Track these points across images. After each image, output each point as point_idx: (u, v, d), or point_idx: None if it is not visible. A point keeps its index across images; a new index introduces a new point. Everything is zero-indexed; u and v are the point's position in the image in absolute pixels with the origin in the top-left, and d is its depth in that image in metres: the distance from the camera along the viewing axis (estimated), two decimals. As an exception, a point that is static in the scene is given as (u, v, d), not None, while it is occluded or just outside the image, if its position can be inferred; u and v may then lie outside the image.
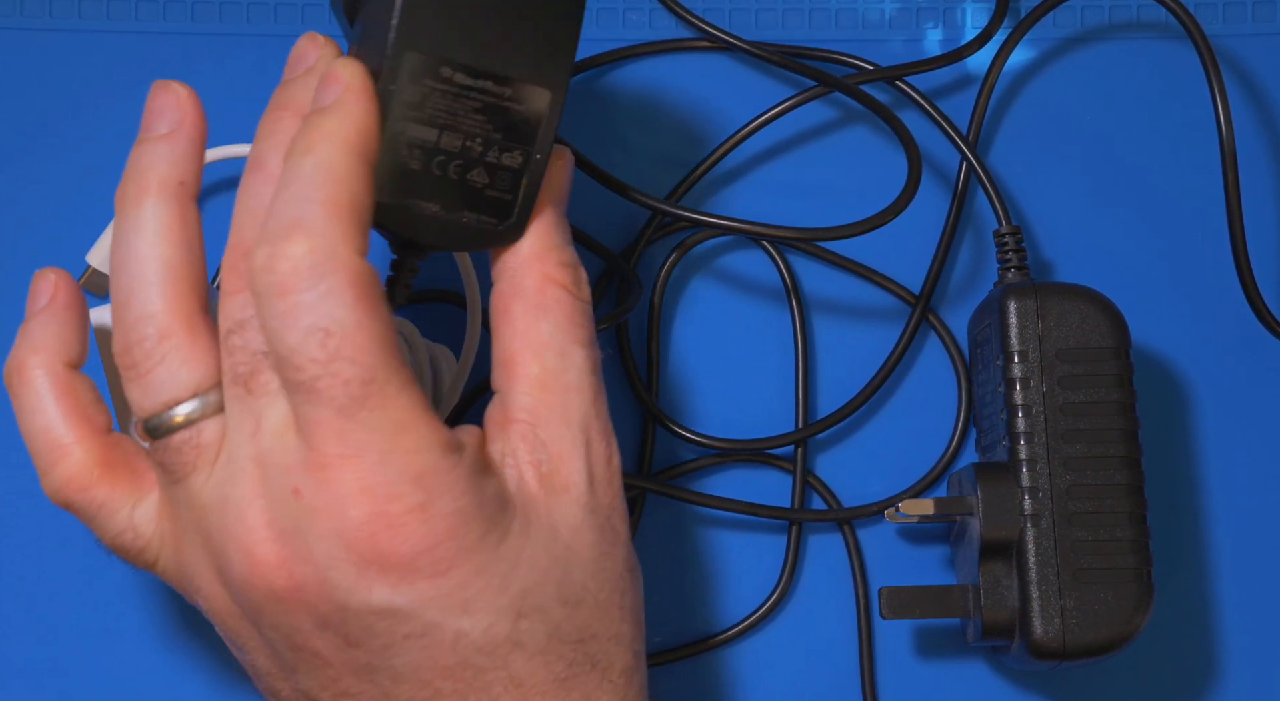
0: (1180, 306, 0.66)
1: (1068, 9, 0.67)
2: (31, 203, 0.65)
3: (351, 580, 0.50)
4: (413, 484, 0.50)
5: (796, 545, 0.64)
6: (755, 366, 0.66)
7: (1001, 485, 0.60)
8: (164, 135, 0.54)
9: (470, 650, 0.51)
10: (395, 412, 0.50)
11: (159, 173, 0.53)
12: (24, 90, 0.66)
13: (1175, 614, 0.64)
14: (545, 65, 0.54)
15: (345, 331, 0.49)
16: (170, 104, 0.54)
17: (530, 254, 0.54)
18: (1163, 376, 0.66)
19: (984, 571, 0.60)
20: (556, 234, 0.55)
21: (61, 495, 0.54)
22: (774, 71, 0.67)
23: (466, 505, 0.51)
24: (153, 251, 0.52)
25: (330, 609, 0.51)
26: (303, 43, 0.55)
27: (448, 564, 0.51)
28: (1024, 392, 0.60)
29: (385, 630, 0.51)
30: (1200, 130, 0.66)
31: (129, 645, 0.64)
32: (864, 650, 0.64)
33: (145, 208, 0.53)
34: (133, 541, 0.54)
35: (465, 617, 0.51)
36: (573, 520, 0.53)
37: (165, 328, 0.52)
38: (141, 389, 0.52)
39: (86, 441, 0.54)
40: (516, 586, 0.52)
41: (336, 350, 0.49)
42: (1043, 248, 0.66)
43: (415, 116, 0.53)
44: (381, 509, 0.50)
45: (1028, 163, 0.67)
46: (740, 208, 0.66)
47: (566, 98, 0.54)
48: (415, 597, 0.51)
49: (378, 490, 0.50)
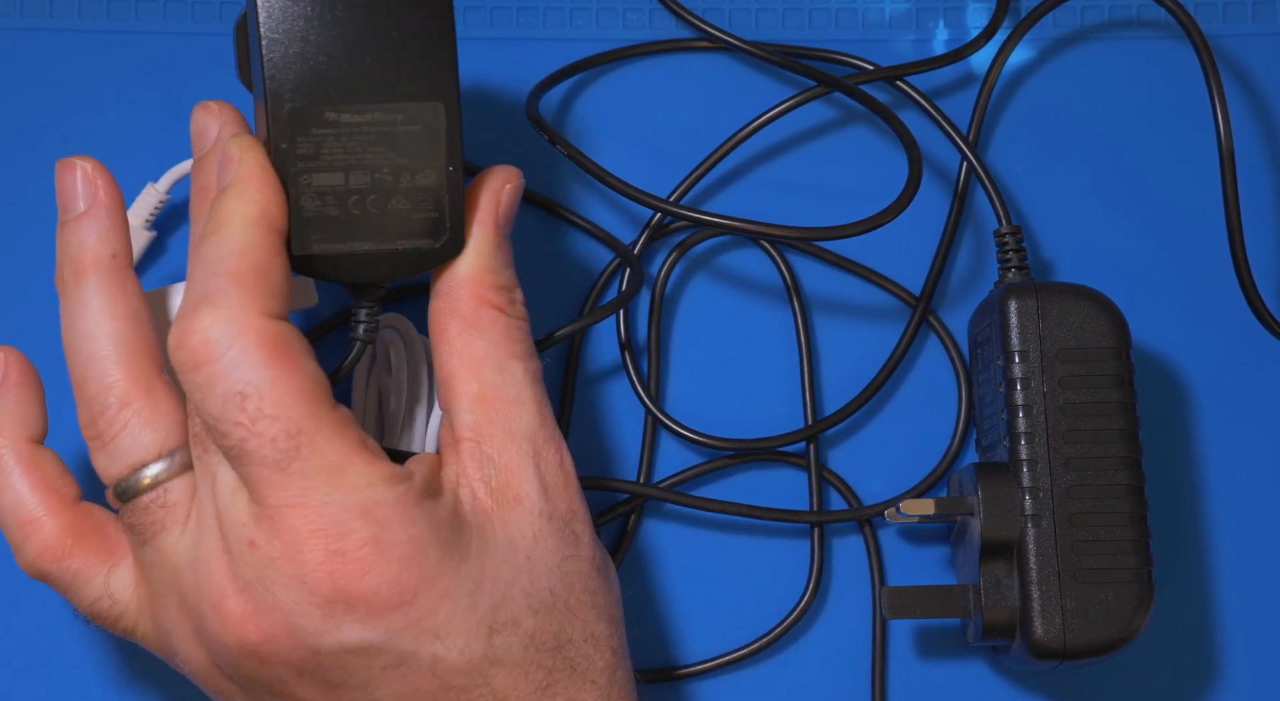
0: (1180, 306, 0.66)
1: (1068, 9, 0.67)
2: (31, 203, 0.65)
3: (319, 622, 0.51)
4: (361, 519, 0.51)
5: (821, 548, 0.64)
6: (756, 367, 0.66)
7: (1002, 485, 0.60)
8: (83, 213, 0.55)
9: (450, 673, 0.52)
10: (329, 457, 0.51)
11: (89, 251, 0.55)
12: (24, 90, 0.66)
13: (1175, 614, 0.64)
14: (427, 80, 0.54)
15: (261, 392, 0.51)
16: (79, 180, 0.56)
17: (466, 276, 0.56)
18: (1163, 376, 0.66)
19: (984, 571, 0.60)
20: (493, 257, 0.56)
21: (36, 567, 0.55)
22: (774, 71, 0.67)
23: (420, 531, 0.52)
24: (100, 328, 0.54)
25: (304, 655, 0.52)
26: (198, 116, 0.56)
27: (411, 592, 0.51)
28: (1024, 392, 0.60)
29: (362, 667, 0.52)
30: (1200, 130, 0.66)
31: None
32: (876, 651, 0.64)
33: (85, 288, 0.55)
34: (109, 608, 0.55)
35: (439, 642, 0.52)
36: (530, 529, 0.54)
37: (124, 396, 0.54)
38: (107, 456, 0.54)
39: (57, 513, 0.55)
40: (485, 603, 0.52)
41: (257, 410, 0.51)
42: (1043, 247, 0.66)
43: (316, 166, 0.54)
44: (335, 547, 0.51)
45: (1028, 162, 0.67)
46: (741, 208, 0.66)
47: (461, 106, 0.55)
48: (385, 629, 0.51)
49: (328, 530, 0.51)
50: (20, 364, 0.57)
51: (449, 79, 0.54)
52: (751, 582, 0.64)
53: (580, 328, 0.62)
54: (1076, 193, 0.67)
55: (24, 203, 0.65)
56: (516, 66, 0.66)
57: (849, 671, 0.64)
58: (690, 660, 0.64)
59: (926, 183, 0.66)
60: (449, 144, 0.55)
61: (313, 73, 0.54)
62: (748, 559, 0.65)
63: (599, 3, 0.67)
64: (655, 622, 0.64)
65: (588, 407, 0.65)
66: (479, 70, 0.66)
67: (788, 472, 0.65)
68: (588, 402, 0.65)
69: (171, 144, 0.64)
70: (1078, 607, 0.59)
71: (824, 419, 0.65)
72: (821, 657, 0.64)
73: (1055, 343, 0.61)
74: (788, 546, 0.65)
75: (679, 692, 0.64)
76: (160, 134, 0.65)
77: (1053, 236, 0.66)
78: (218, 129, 0.56)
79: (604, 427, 0.65)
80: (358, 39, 0.54)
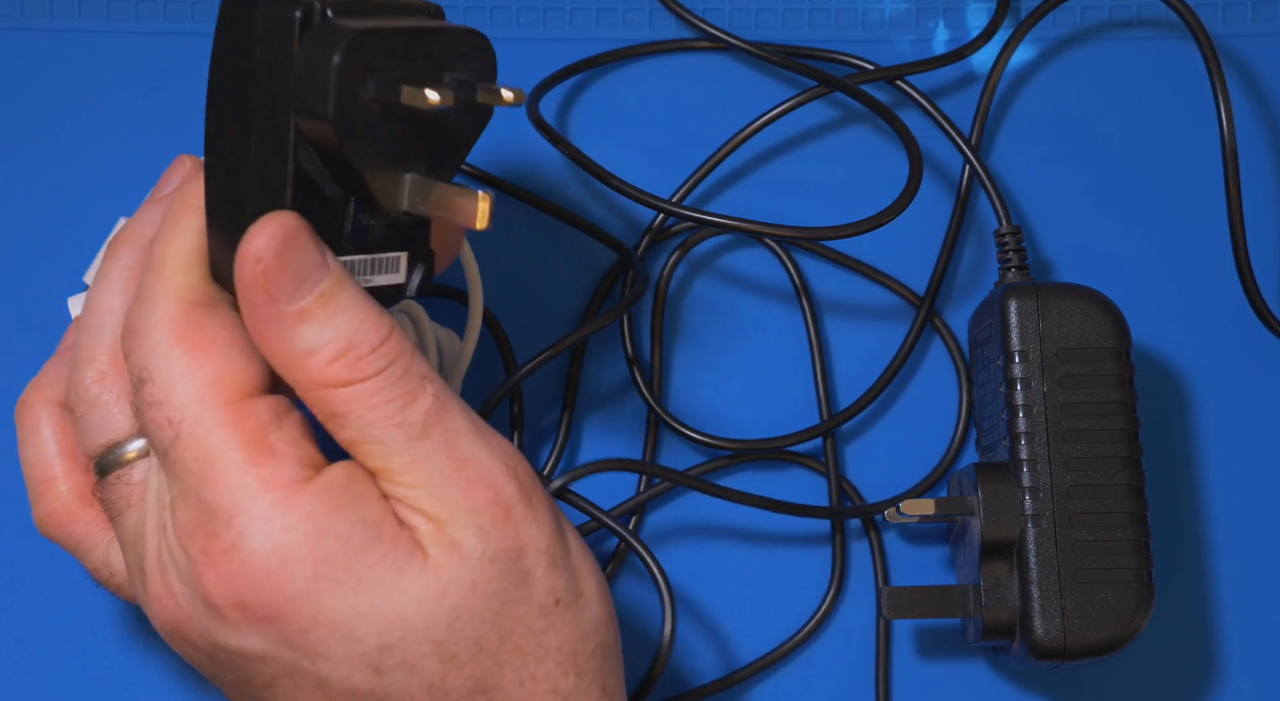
0: (1181, 306, 0.66)
1: (1068, 9, 0.67)
2: (32, 202, 0.65)
3: (207, 617, 0.51)
4: (225, 523, 0.49)
5: (843, 545, 0.64)
6: (758, 366, 0.66)
7: (1002, 485, 0.60)
8: (161, 198, 0.56)
9: (339, 694, 0.50)
10: (202, 447, 0.50)
11: (137, 231, 0.55)
12: (24, 90, 0.66)
13: (1175, 614, 0.64)
14: None
15: (154, 378, 0.51)
16: (176, 172, 0.56)
17: (285, 371, 0.50)
18: (1163, 376, 0.66)
19: (985, 571, 0.60)
20: (310, 328, 0.50)
21: (45, 528, 0.56)
22: (774, 71, 0.67)
23: (291, 542, 0.49)
24: (106, 303, 0.55)
25: (208, 645, 0.51)
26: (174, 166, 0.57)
27: (275, 608, 0.49)
28: (1024, 392, 0.60)
29: (258, 670, 0.51)
30: (1200, 130, 0.66)
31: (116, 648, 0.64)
32: (880, 651, 0.64)
33: (116, 260, 0.55)
34: (110, 577, 0.56)
35: (320, 663, 0.50)
36: (467, 577, 0.50)
37: (100, 372, 0.54)
38: (82, 430, 0.55)
39: (71, 477, 0.56)
40: (371, 641, 0.49)
41: (149, 394, 0.51)
42: (1043, 248, 0.66)
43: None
44: (205, 547, 0.50)
45: (1028, 162, 0.67)
46: (741, 207, 0.66)
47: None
48: (262, 639, 0.50)
49: (199, 529, 0.50)
50: None
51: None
52: (760, 583, 0.64)
53: (584, 335, 0.62)
54: (1076, 193, 0.67)
55: (24, 202, 0.65)
56: (516, 66, 0.66)
57: (849, 671, 0.64)
58: (694, 662, 0.64)
59: (926, 182, 0.66)
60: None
61: None
62: (749, 559, 0.65)
63: (599, 3, 0.67)
64: (656, 626, 0.64)
65: (591, 408, 0.65)
66: (479, 70, 0.66)
67: (789, 472, 0.65)
68: (590, 403, 0.65)
69: (172, 144, 0.64)
70: (1078, 607, 0.59)
71: (835, 415, 0.65)
72: (825, 658, 0.64)
73: (1055, 343, 0.61)
74: (787, 546, 0.65)
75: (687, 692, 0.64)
76: (160, 134, 0.65)
77: (1053, 236, 0.66)
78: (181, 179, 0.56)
79: (607, 428, 0.65)
80: None
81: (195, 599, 0.50)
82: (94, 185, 0.65)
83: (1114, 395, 0.60)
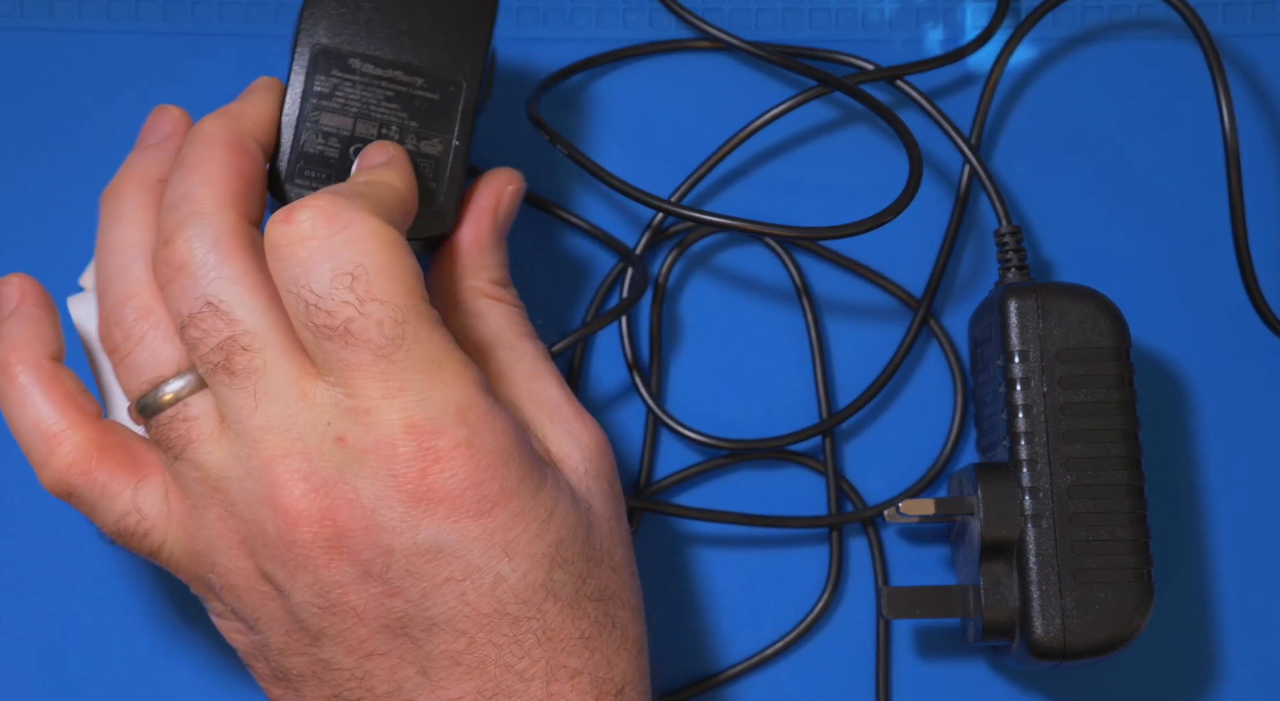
0: (1181, 306, 0.66)
1: (1068, 8, 0.67)
2: (32, 203, 0.65)
3: (399, 519, 0.51)
4: (456, 419, 0.52)
5: (840, 550, 0.64)
6: (757, 366, 0.66)
7: (1002, 485, 0.60)
8: (152, 145, 0.57)
9: (508, 597, 0.52)
10: (431, 350, 0.52)
11: (139, 171, 0.56)
12: (24, 90, 0.66)
13: (1175, 614, 0.64)
14: (455, 56, 0.57)
15: (371, 275, 0.51)
16: (163, 121, 0.58)
17: (463, 271, 0.57)
18: (1163, 376, 0.66)
19: (984, 571, 0.60)
20: (488, 255, 0.58)
21: (63, 482, 0.54)
22: (774, 71, 0.67)
23: (507, 445, 0.52)
24: (129, 238, 0.55)
25: (375, 553, 0.51)
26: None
27: (491, 502, 0.52)
28: (1024, 392, 0.60)
29: (429, 573, 0.52)
30: (1199, 130, 0.66)
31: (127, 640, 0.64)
32: (880, 652, 0.64)
33: (124, 200, 0.55)
34: (138, 524, 0.54)
35: (506, 561, 0.52)
36: (582, 486, 0.55)
37: (143, 307, 0.54)
38: (127, 370, 0.54)
39: (81, 426, 0.54)
40: (552, 535, 0.53)
41: (366, 292, 0.51)
42: (1043, 247, 0.66)
43: (328, 106, 0.56)
44: (429, 444, 0.51)
45: (1028, 162, 0.67)
46: (741, 207, 0.66)
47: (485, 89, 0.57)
48: (460, 536, 0.52)
49: (423, 426, 0.51)
50: (35, 288, 0.57)
51: (477, 62, 0.57)
52: (757, 584, 0.64)
53: (585, 335, 0.62)
54: (1076, 193, 0.67)
55: (24, 202, 0.65)
56: (516, 66, 0.66)
57: (849, 671, 0.64)
58: (695, 663, 0.64)
59: (926, 182, 0.66)
60: (462, 120, 0.57)
61: (350, 23, 0.56)
62: (750, 561, 0.65)
63: (599, 3, 0.67)
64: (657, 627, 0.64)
65: (590, 408, 0.65)
66: (479, 70, 0.66)
67: (790, 471, 0.65)
68: (590, 403, 0.65)
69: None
70: (1078, 607, 0.59)
71: (834, 415, 0.65)
72: (825, 658, 0.64)
73: (1055, 343, 0.61)
74: (788, 547, 0.65)
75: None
76: (160, 134, 0.66)
77: (1053, 236, 0.66)
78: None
79: (606, 427, 0.65)
80: (402, 10, 0.56)
81: (391, 499, 0.51)
82: (94, 185, 0.65)
83: (1114, 395, 0.60)
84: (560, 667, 0.52)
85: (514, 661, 0.52)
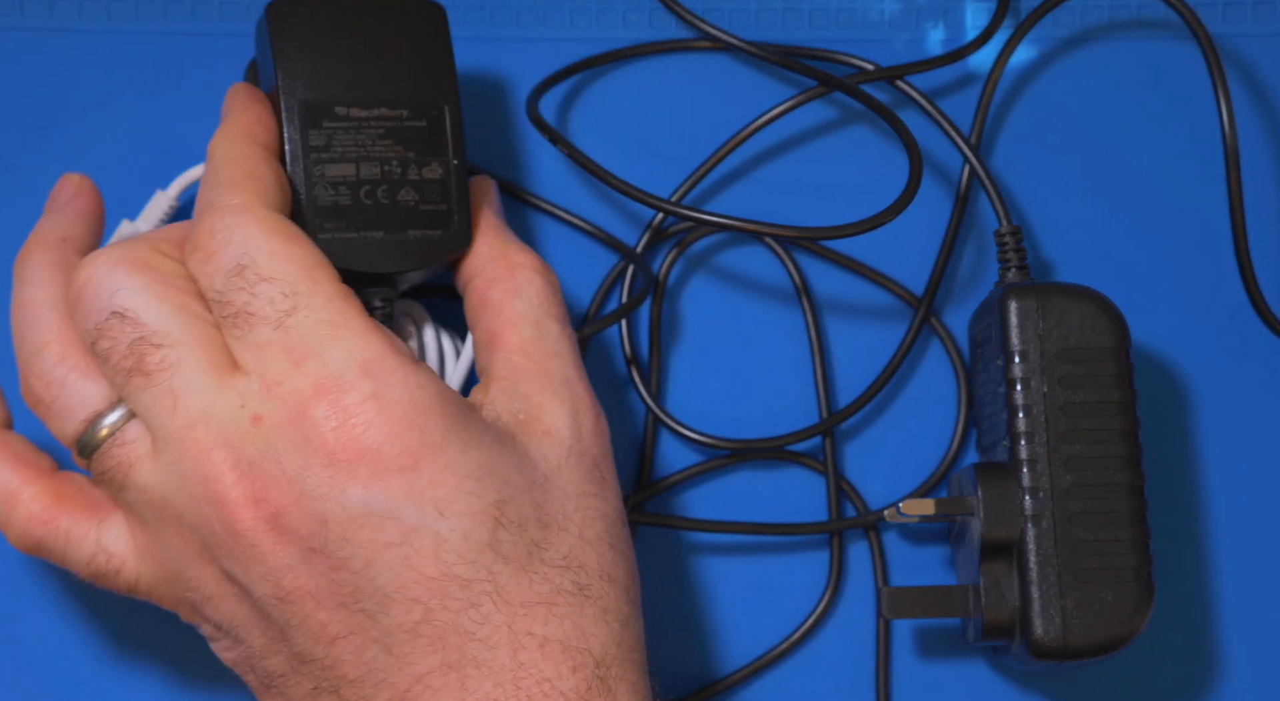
0: (1181, 306, 0.66)
1: (1068, 9, 0.67)
2: (32, 203, 0.65)
3: (325, 483, 0.52)
4: (360, 373, 0.52)
5: (840, 553, 0.64)
6: (757, 366, 0.66)
7: (1002, 485, 0.60)
8: (55, 209, 0.59)
9: (452, 557, 0.52)
10: (326, 314, 0.53)
11: (41, 233, 0.58)
12: (24, 90, 0.66)
13: (1175, 614, 0.64)
14: (430, 81, 0.59)
15: (257, 261, 0.54)
16: (64, 187, 0.60)
17: (492, 252, 0.58)
18: (1163, 376, 0.66)
19: (984, 571, 0.60)
20: (506, 233, 0.59)
21: (27, 535, 0.56)
22: (774, 71, 0.67)
23: (424, 398, 0.53)
24: (37, 295, 0.56)
25: (312, 525, 0.52)
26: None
27: (413, 456, 0.52)
28: (1024, 392, 0.60)
29: (366, 539, 0.52)
30: (1200, 130, 0.66)
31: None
32: (880, 652, 0.64)
33: (30, 263, 0.57)
34: (107, 562, 0.56)
35: (441, 519, 0.52)
36: (554, 458, 0.55)
37: (58, 354, 0.55)
38: (56, 416, 0.55)
39: (35, 482, 0.56)
40: (491, 494, 0.53)
41: (254, 276, 0.53)
42: (1043, 248, 0.66)
43: (328, 157, 0.58)
44: (338, 402, 0.52)
45: (1028, 162, 0.67)
46: (741, 207, 0.66)
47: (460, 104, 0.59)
48: (387, 494, 0.52)
49: (329, 384, 0.52)
50: None
51: (450, 84, 0.59)
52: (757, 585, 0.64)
53: (587, 335, 0.62)
54: (1076, 193, 0.67)
55: (24, 202, 0.65)
56: (516, 66, 0.66)
57: (849, 671, 0.64)
58: (695, 665, 0.64)
59: (926, 182, 0.66)
60: (454, 140, 0.59)
61: (321, 73, 0.58)
62: (750, 562, 0.65)
63: (599, 3, 0.67)
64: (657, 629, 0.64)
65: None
66: (479, 70, 0.66)
67: (790, 471, 0.65)
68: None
69: (172, 144, 0.64)
70: (1078, 607, 0.59)
71: (834, 414, 0.65)
72: (825, 657, 0.64)
73: (1055, 343, 0.61)
74: (789, 549, 0.65)
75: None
76: (160, 134, 0.65)
77: (1053, 236, 0.66)
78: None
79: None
80: (365, 49, 0.58)
81: (312, 464, 0.52)
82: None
83: (1114, 395, 0.60)
84: (526, 634, 0.52)
85: (473, 627, 0.52)
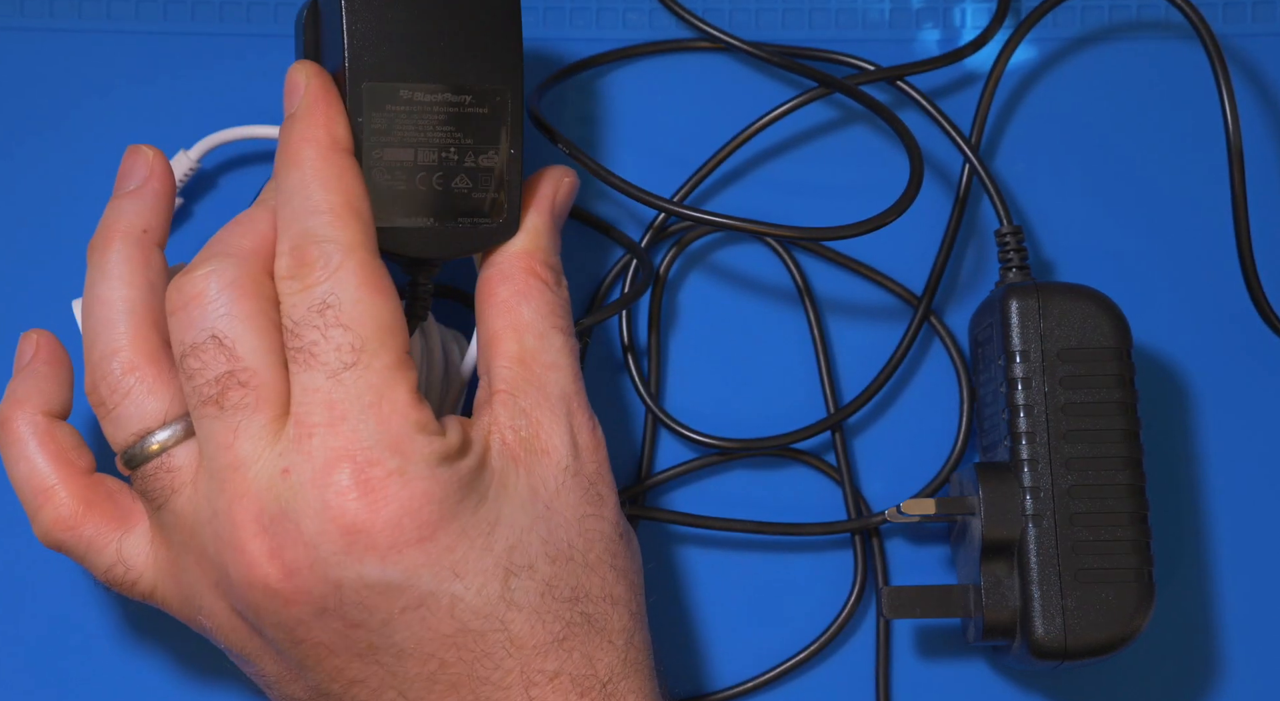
0: (1182, 306, 0.66)
1: (1067, 9, 0.67)
2: (31, 202, 0.65)
3: (341, 554, 0.52)
4: (389, 449, 0.53)
5: (864, 553, 0.64)
6: (756, 365, 0.66)
7: (1003, 485, 0.60)
8: (130, 191, 0.58)
9: (467, 614, 0.53)
10: (378, 378, 0.53)
11: (124, 223, 0.57)
12: (24, 90, 0.66)
13: (1175, 614, 0.65)
14: (495, 66, 0.57)
15: (342, 306, 0.53)
16: (139, 164, 0.58)
17: (520, 250, 0.58)
18: (1164, 376, 0.66)
19: (985, 571, 0.60)
20: (545, 239, 0.59)
21: (51, 536, 0.57)
22: (774, 72, 0.67)
23: (444, 473, 0.53)
24: (115, 294, 0.56)
25: (326, 589, 0.52)
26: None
27: (431, 527, 0.53)
28: (1025, 392, 0.60)
29: (382, 606, 0.53)
30: (1200, 129, 0.66)
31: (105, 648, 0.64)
32: (881, 651, 0.64)
33: (109, 255, 0.56)
34: (124, 574, 0.56)
35: (457, 581, 0.53)
36: (553, 481, 0.56)
37: (129, 362, 0.55)
38: (113, 423, 0.55)
39: (69, 482, 0.57)
40: (500, 545, 0.53)
41: (334, 319, 0.53)
42: (1044, 247, 0.66)
43: (388, 141, 0.57)
44: (362, 474, 0.52)
45: (1029, 162, 0.67)
46: (742, 207, 0.66)
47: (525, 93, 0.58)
48: (405, 567, 0.52)
49: (357, 455, 0.52)
50: (50, 344, 0.59)
51: (516, 70, 0.58)
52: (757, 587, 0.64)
53: (588, 325, 0.62)
54: (1077, 192, 0.67)
55: (24, 202, 0.65)
56: (517, 66, 0.66)
57: (849, 671, 0.64)
58: (694, 662, 0.64)
59: (927, 182, 0.66)
60: (513, 128, 0.58)
61: (390, 54, 0.56)
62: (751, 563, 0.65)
63: (599, 3, 0.67)
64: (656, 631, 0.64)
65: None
66: (479, 70, 0.66)
67: (791, 471, 0.65)
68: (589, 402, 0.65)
69: (172, 143, 0.64)
70: (1078, 607, 0.59)
71: (840, 409, 0.65)
72: (825, 657, 0.64)
73: (1056, 342, 0.61)
74: (788, 551, 0.65)
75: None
76: (160, 134, 0.65)
77: (1054, 236, 0.66)
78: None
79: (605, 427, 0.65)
80: (433, 29, 0.57)
81: (330, 532, 0.52)
82: (94, 186, 0.65)
83: (1115, 395, 0.60)
84: (537, 672, 0.53)
85: (487, 673, 0.53)
